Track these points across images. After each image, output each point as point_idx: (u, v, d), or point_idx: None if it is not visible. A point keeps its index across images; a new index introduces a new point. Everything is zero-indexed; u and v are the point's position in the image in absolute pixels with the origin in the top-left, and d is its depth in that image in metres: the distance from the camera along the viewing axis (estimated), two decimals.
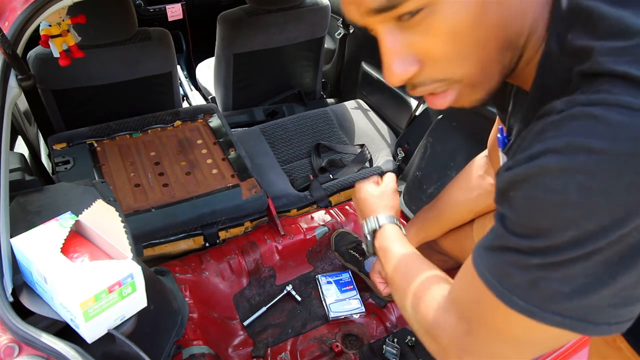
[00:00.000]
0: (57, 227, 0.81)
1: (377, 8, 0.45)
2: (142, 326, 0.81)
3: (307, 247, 1.56)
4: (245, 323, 1.38)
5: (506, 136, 0.65)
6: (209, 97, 2.41)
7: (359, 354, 1.31)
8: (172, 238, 1.45)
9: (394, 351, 1.29)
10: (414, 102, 1.89)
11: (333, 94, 2.52)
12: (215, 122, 1.77)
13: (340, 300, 1.43)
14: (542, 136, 0.42)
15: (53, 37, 1.21)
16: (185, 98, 2.53)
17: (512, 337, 0.51)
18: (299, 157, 1.87)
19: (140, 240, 1.38)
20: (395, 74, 0.48)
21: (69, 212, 0.85)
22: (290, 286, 1.46)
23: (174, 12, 2.35)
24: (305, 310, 1.43)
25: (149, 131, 1.72)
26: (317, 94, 2.39)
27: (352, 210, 1.65)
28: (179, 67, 2.49)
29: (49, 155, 1.64)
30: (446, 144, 1.59)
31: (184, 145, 1.68)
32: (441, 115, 1.64)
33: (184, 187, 1.52)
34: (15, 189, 0.94)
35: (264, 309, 1.41)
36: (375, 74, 2.13)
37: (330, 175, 1.77)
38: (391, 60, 0.48)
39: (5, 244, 0.78)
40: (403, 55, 0.48)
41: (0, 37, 0.85)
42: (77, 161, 1.54)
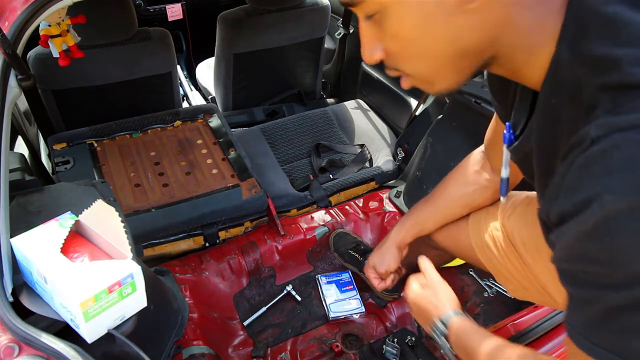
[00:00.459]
0: (57, 227, 0.81)
1: (345, 2, 0.53)
2: (142, 326, 0.81)
3: (307, 247, 1.56)
4: (245, 323, 1.38)
5: (512, 133, 0.65)
6: (209, 97, 2.40)
7: (359, 354, 1.31)
8: (172, 238, 1.45)
9: (394, 351, 1.29)
10: (414, 102, 1.89)
11: (333, 94, 2.52)
12: (215, 122, 1.77)
13: (340, 300, 1.43)
14: (589, 173, 0.40)
15: (53, 37, 1.21)
16: (185, 98, 2.53)
17: None
18: (299, 157, 1.87)
19: (140, 240, 1.38)
20: (365, 56, 0.58)
21: (69, 212, 0.85)
22: (290, 286, 1.46)
23: (174, 12, 2.35)
24: (305, 310, 1.43)
25: (149, 131, 1.72)
26: (317, 94, 2.38)
27: (352, 211, 1.65)
28: (179, 67, 2.49)
29: (49, 155, 1.64)
30: (446, 144, 1.59)
31: (184, 145, 1.68)
32: (441, 116, 1.63)
33: (184, 187, 1.52)
34: (15, 189, 0.94)
35: (264, 309, 1.41)
36: (375, 74, 2.12)
37: (330, 175, 1.77)
38: (363, 45, 0.57)
39: (5, 244, 0.78)
40: (371, 43, 0.56)
41: (0, 37, 0.85)
42: (77, 161, 1.54)
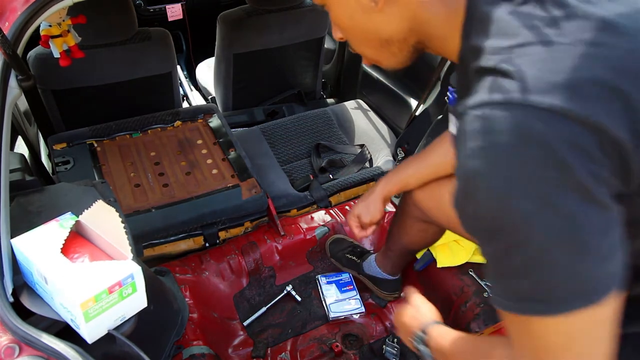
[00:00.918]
0: (58, 228, 0.81)
1: None
2: (142, 326, 0.81)
3: (307, 247, 1.56)
4: (245, 323, 1.38)
5: (454, 95, 0.77)
6: (209, 97, 2.40)
7: (358, 354, 1.31)
8: (172, 238, 1.44)
9: (394, 351, 1.29)
10: (414, 102, 1.89)
11: (333, 94, 2.52)
12: (215, 122, 1.77)
13: (340, 301, 1.43)
14: (456, 144, 0.52)
15: (53, 37, 1.21)
16: (185, 98, 2.53)
17: (561, 343, 0.50)
18: (299, 157, 1.87)
19: (140, 240, 1.38)
20: (333, 34, 0.72)
21: (69, 212, 0.85)
22: (290, 286, 1.46)
23: (174, 12, 2.35)
24: (305, 310, 1.43)
25: (149, 131, 1.72)
26: (317, 94, 2.38)
27: None
28: (179, 67, 2.48)
29: (49, 156, 1.64)
30: None
31: (184, 146, 1.68)
32: (441, 116, 1.64)
33: (184, 187, 1.52)
34: (16, 189, 0.94)
35: (264, 309, 1.41)
36: (375, 74, 2.12)
37: (330, 176, 1.77)
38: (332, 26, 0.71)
39: (6, 244, 0.78)
40: (334, 25, 0.70)
41: (0, 37, 0.85)
42: (77, 161, 1.54)
